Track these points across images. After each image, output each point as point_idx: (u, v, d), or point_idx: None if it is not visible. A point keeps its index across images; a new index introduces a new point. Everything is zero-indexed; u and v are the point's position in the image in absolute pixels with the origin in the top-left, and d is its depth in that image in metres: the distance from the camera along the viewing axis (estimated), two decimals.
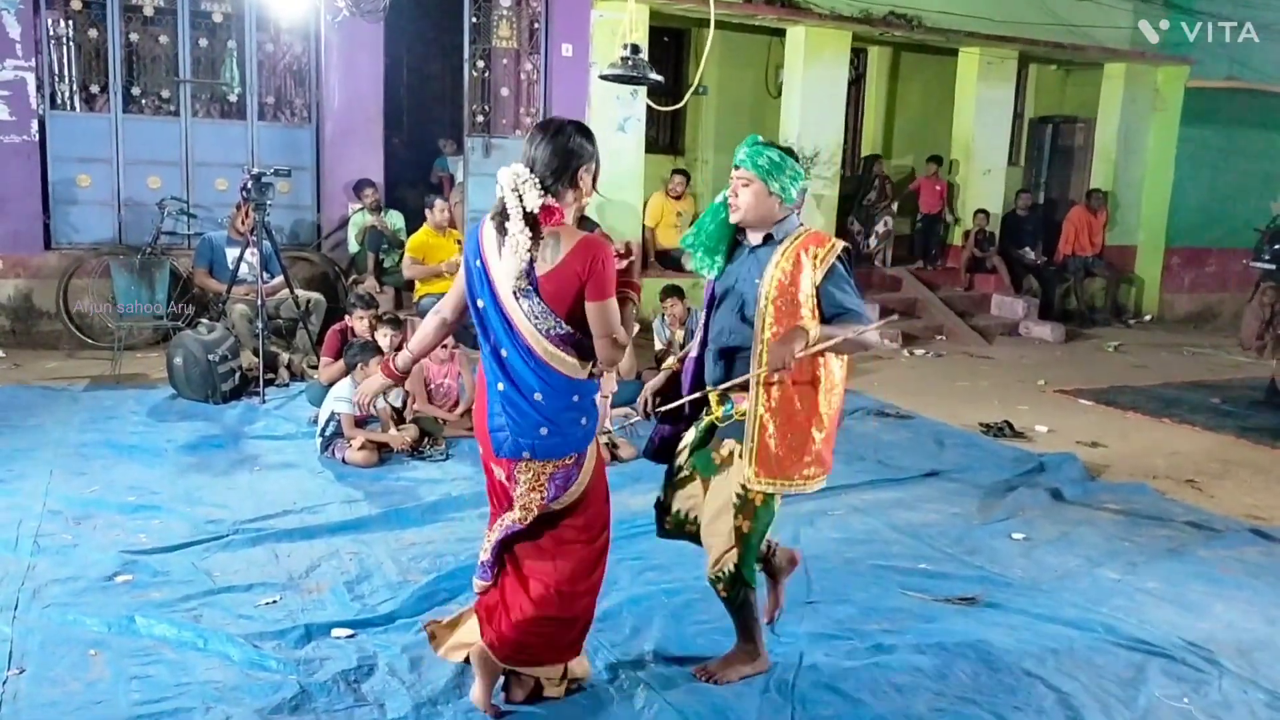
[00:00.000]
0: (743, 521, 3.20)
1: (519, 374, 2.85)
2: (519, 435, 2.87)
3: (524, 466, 2.91)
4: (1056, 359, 9.84)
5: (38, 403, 6.37)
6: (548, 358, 2.83)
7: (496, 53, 9.60)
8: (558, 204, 2.81)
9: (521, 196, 2.75)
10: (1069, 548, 4.77)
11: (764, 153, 3.19)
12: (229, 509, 4.75)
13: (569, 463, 2.94)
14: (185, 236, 8.46)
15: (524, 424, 2.87)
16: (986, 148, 11.93)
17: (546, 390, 2.84)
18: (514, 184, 2.76)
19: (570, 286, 2.77)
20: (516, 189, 2.75)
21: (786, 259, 3.16)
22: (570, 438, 2.91)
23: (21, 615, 3.60)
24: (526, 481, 2.92)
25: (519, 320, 2.81)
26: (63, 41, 8.39)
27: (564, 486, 2.96)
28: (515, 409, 2.87)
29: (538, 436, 2.87)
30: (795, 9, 10.32)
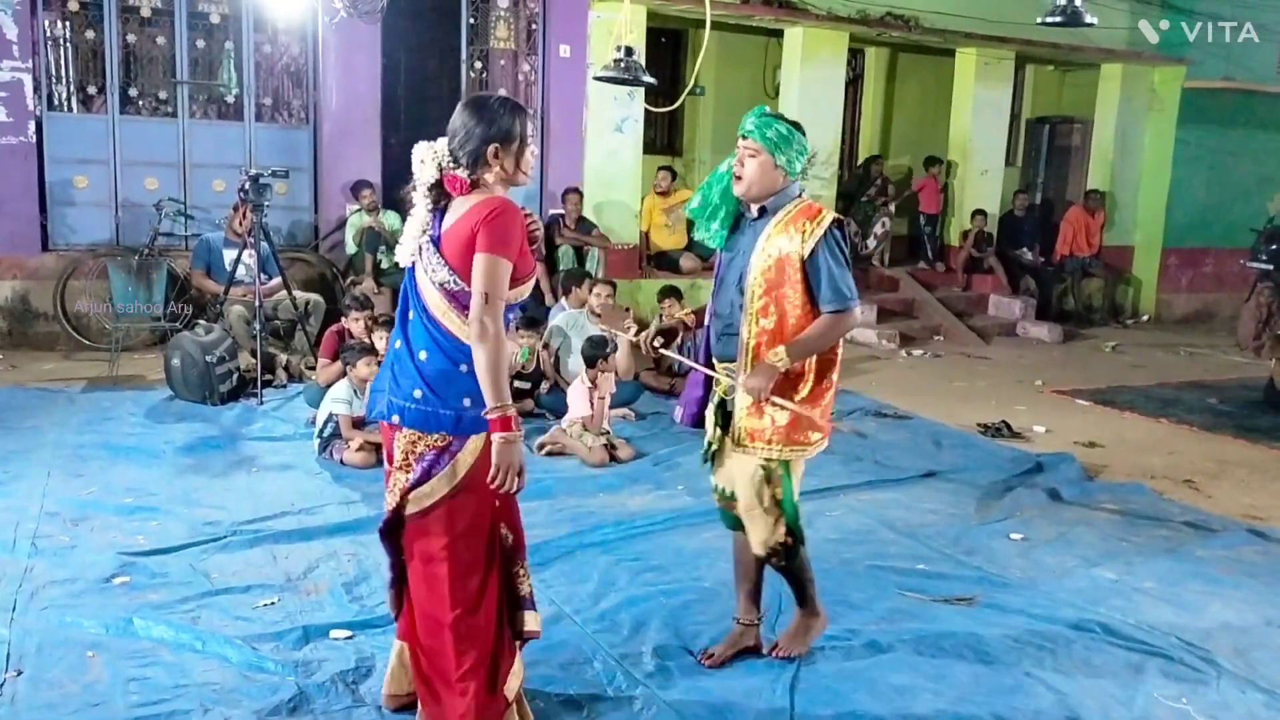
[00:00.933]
0: (775, 489, 3.29)
1: (414, 331, 2.76)
2: (394, 394, 2.75)
3: (400, 436, 2.75)
4: (1054, 359, 9.85)
5: (35, 404, 6.37)
6: (439, 313, 2.72)
7: (494, 54, 9.61)
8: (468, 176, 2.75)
9: (424, 166, 2.76)
10: (1066, 548, 4.77)
11: (773, 124, 3.20)
12: (227, 510, 4.74)
13: (438, 444, 2.72)
14: (183, 238, 8.45)
15: (402, 383, 2.74)
16: (984, 148, 11.94)
17: (432, 348, 2.72)
18: (420, 155, 2.77)
19: (465, 240, 2.68)
20: (422, 159, 2.76)
21: (779, 232, 3.19)
22: (445, 414, 2.70)
23: (19, 617, 3.59)
24: (400, 455, 2.75)
25: (419, 276, 2.76)
26: (60, 43, 8.38)
27: (427, 473, 2.72)
28: (399, 366, 2.76)
29: (411, 398, 2.71)
30: (792, 9, 10.33)
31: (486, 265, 2.63)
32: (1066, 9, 6.31)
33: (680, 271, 10.29)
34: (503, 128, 2.75)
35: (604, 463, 5.73)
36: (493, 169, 2.76)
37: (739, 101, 12.50)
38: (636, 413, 6.85)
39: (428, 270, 2.74)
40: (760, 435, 3.26)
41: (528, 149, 2.82)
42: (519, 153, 2.80)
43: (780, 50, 11.04)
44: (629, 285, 9.75)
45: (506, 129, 2.76)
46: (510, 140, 2.77)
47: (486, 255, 2.64)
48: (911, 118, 13.34)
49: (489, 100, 2.81)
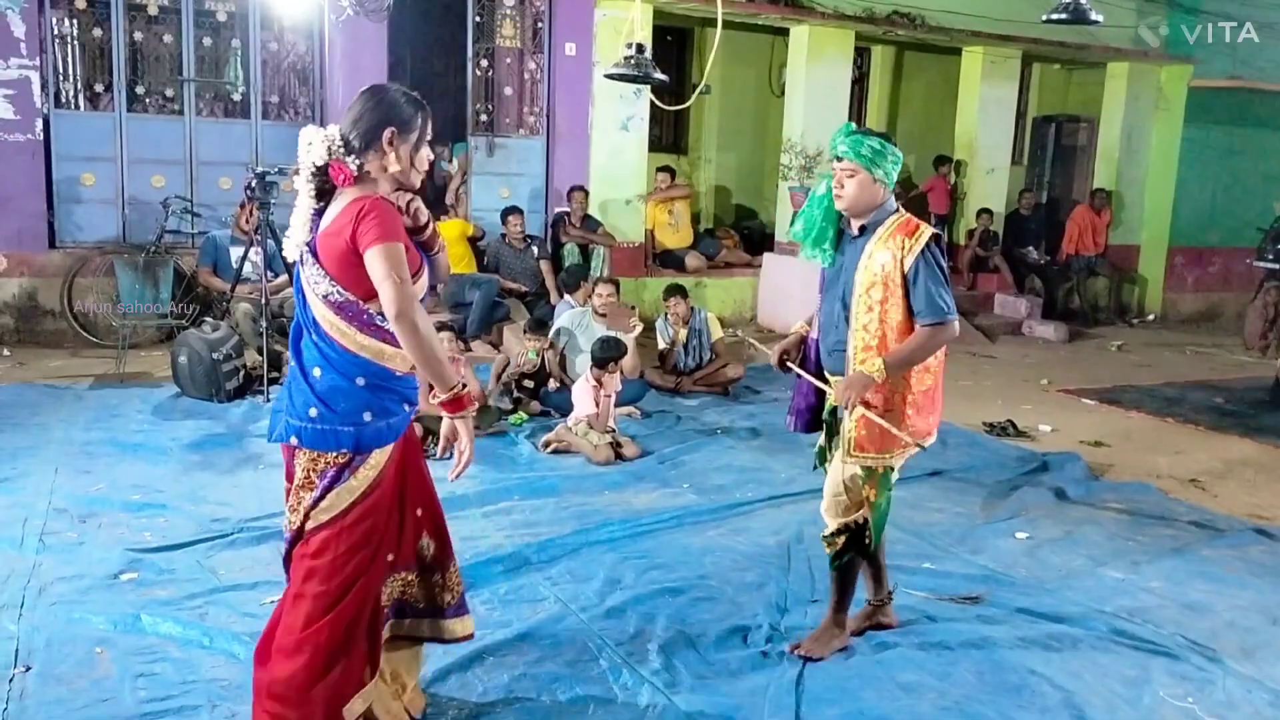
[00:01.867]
0: (869, 490, 3.45)
1: (305, 348, 2.62)
2: (290, 414, 2.59)
3: (299, 456, 2.62)
4: (1060, 358, 9.84)
5: (42, 401, 6.39)
6: (328, 326, 2.56)
7: (500, 52, 9.61)
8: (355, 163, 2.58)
9: (310, 148, 2.57)
10: (1073, 547, 4.77)
11: (865, 141, 3.29)
12: (233, 507, 4.76)
13: (339, 461, 2.58)
14: (189, 235, 8.47)
15: (297, 402, 2.59)
16: (990, 147, 11.92)
17: (324, 365, 2.56)
18: (308, 137, 2.58)
19: (342, 248, 2.51)
20: (310, 141, 2.57)
21: (880, 248, 3.29)
22: (343, 431, 2.56)
23: (28, 613, 3.61)
24: (301, 474, 2.62)
25: (306, 287, 2.60)
26: (67, 40, 8.40)
27: (328, 488, 2.59)
28: (294, 385, 2.62)
29: (306, 418, 2.56)
30: (798, 8, 10.32)
31: (383, 255, 2.46)
32: (1071, 6, 6.29)
33: (685, 270, 10.29)
34: (403, 116, 2.62)
35: (609, 461, 5.74)
36: (386, 156, 2.59)
37: (744, 100, 12.53)
38: (642, 411, 6.85)
39: (310, 282, 2.58)
40: (869, 445, 3.39)
41: (424, 147, 2.68)
42: (416, 146, 2.65)
43: (786, 48, 11.04)
44: (634, 283, 9.76)
45: (407, 117, 2.62)
46: (409, 130, 2.62)
47: (378, 247, 2.46)
48: (917, 116, 13.33)
49: (391, 88, 2.69)
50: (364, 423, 2.58)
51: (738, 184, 12.92)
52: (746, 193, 12.92)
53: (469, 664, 3.35)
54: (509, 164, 9.70)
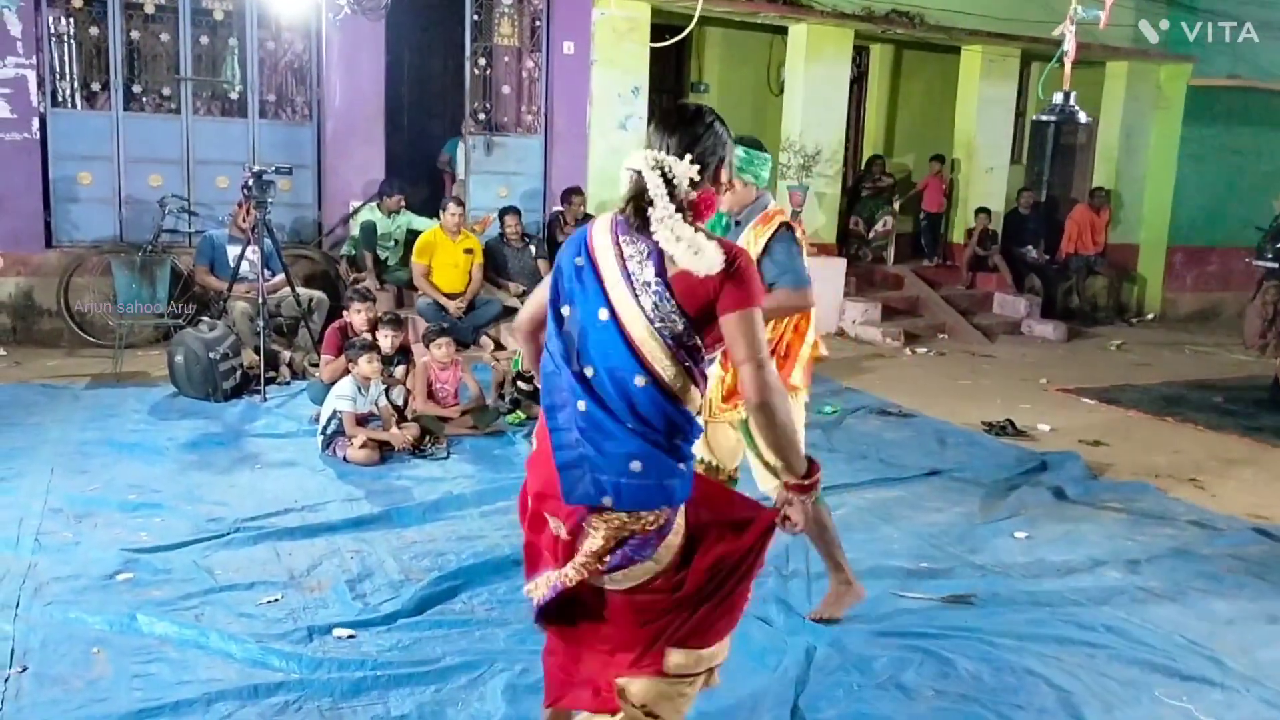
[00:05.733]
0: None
1: (613, 389, 2.24)
2: (600, 470, 2.23)
3: (599, 520, 2.27)
4: (1059, 357, 9.83)
5: (39, 401, 6.37)
6: (658, 365, 2.23)
7: (498, 50, 9.59)
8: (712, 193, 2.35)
9: (670, 176, 2.24)
10: (1071, 546, 4.76)
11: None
12: (230, 507, 4.74)
13: (652, 524, 2.26)
14: (186, 234, 8.45)
15: (611, 455, 2.23)
16: (989, 146, 11.91)
17: (649, 409, 2.24)
18: (656, 163, 2.25)
19: (702, 289, 2.23)
20: (660, 167, 2.24)
21: (750, 235, 3.68)
22: (669, 485, 2.26)
23: (23, 613, 3.59)
24: (599, 541, 2.27)
25: (632, 321, 2.23)
26: (64, 39, 8.37)
27: (629, 559, 2.29)
28: (600, 433, 2.24)
29: (626, 473, 2.23)
30: (797, 7, 10.31)
31: (755, 326, 2.23)
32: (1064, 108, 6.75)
33: None
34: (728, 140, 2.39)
35: None
36: (721, 185, 2.39)
37: (743, 99, 12.50)
38: None
39: (653, 315, 2.23)
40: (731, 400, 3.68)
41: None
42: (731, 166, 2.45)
43: (785, 47, 11.02)
44: None
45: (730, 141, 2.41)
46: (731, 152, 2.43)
47: (749, 313, 2.22)
48: (916, 115, 13.31)
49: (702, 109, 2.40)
50: (683, 474, 2.31)
51: None
52: None
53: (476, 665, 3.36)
54: (507, 163, 9.69)
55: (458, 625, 3.69)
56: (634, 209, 2.27)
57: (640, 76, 9.82)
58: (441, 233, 8.28)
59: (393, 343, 6.20)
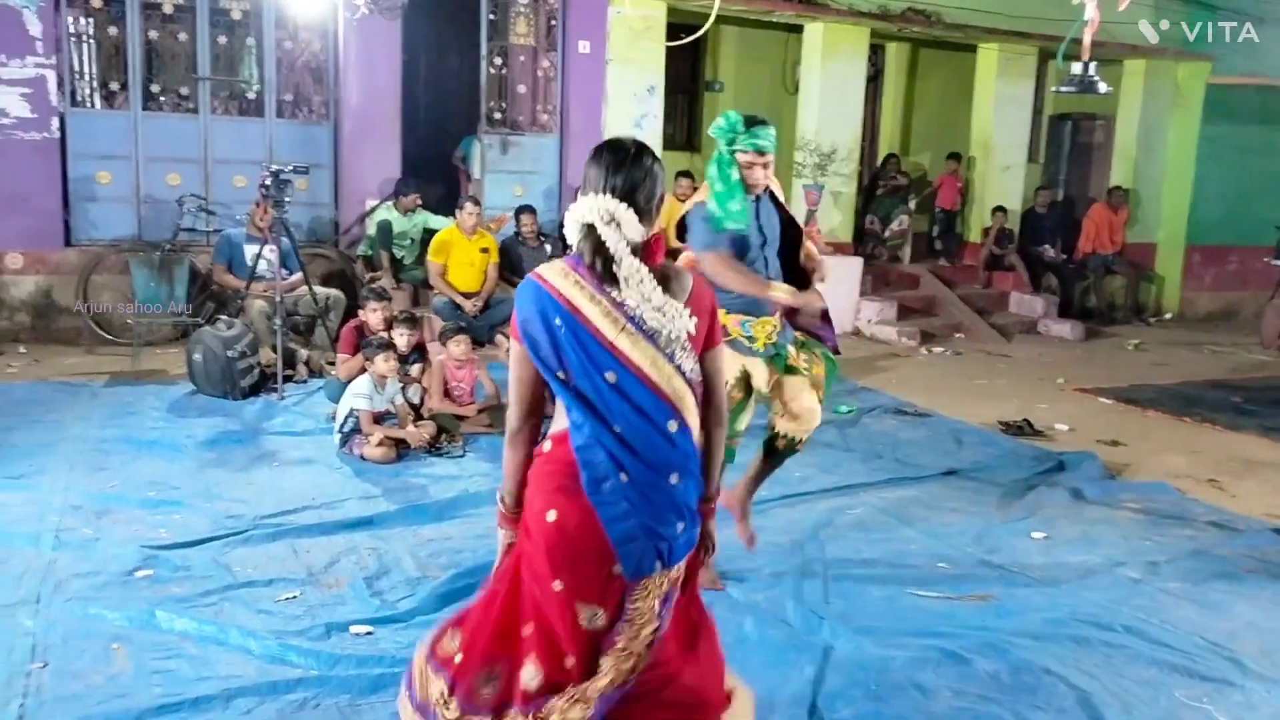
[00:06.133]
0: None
1: (648, 444, 2.19)
2: (657, 538, 2.20)
3: (642, 588, 2.22)
4: (1076, 357, 9.78)
5: (58, 398, 6.41)
6: (685, 407, 2.22)
7: (513, 49, 9.61)
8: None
9: (620, 227, 2.20)
10: (1089, 547, 4.74)
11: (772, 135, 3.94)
12: (248, 504, 4.76)
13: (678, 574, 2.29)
14: (204, 233, 8.49)
15: (662, 513, 2.20)
16: (1005, 144, 11.86)
17: (687, 453, 2.23)
18: (609, 216, 2.20)
19: (701, 327, 2.29)
20: (614, 220, 2.20)
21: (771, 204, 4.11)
22: (695, 532, 2.31)
23: (44, 609, 3.62)
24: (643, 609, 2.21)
25: (651, 367, 2.19)
26: (83, 39, 8.43)
27: (667, 603, 2.27)
28: (649, 496, 2.19)
29: (677, 529, 2.22)
30: (813, 5, 10.29)
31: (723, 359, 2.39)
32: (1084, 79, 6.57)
33: None
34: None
35: None
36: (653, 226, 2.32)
37: (758, 97, 12.47)
38: None
39: (674, 358, 2.22)
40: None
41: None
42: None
43: (800, 46, 11.00)
44: None
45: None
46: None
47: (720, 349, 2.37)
48: (932, 114, 13.27)
49: (643, 148, 2.35)
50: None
51: None
52: None
53: None
54: (522, 162, 9.71)
55: None
56: (602, 265, 2.22)
57: (656, 75, 9.83)
58: (457, 231, 8.30)
59: (409, 341, 6.21)
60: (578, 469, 2.20)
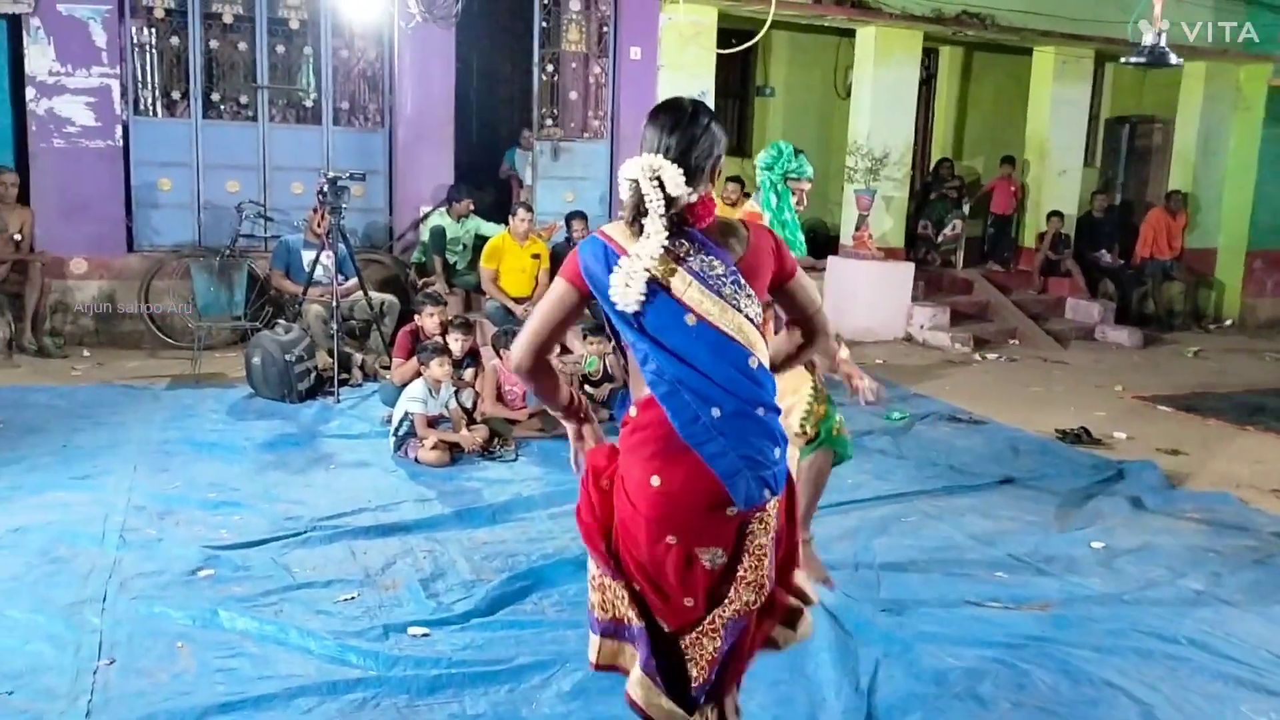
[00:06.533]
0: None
1: (734, 382, 2.22)
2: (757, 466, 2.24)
3: (760, 517, 2.29)
4: (1134, 364, 9.62)
5: (121, 401, 6.55)
6: (759, 351, 2.27)
7: (565, 56, 9.66)
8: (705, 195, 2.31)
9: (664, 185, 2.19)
10: (1150, 557, 4.65)
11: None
12: (306, 506, 4.83)
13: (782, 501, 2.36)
14: (263, 239, 8.63)
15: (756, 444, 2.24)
16: (1061, 148, 11.71)
17: (767, 386, 2.28)
18: (651, 172, 2.20)
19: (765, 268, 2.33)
20: (656, 176, 2.20)
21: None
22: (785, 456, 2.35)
23: (110, 607, 3.70)
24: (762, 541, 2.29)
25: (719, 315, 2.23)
26: (146, 49, 8.61)
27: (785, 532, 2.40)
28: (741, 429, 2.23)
29: (773, 457, 2.26)
30: (865, 9, 10.23)
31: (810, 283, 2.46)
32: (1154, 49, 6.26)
33: None
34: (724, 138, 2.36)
35: None
36: (713, 186, 2.34)
37: (809, 102, 12.46)
38: None
39: (736, 302, 2.24)
40: None
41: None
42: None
43: (852, 50, 10.94)
44: None
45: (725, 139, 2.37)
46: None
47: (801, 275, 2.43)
48: (986, 118, 13.15)
49: (699, 107, 2.33)
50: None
51: None
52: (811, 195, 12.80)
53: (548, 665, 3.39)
54: (573, 168, 9.75)
55: (529, 625, 3.72)
56: (634, 218, 2.23)
57: (707, 81, 9.84)
58: (510, 237, 8.35)
59: (463, 346, 6.27)
60: (669, 430, 2.23)
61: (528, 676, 3.33)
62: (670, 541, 2.26)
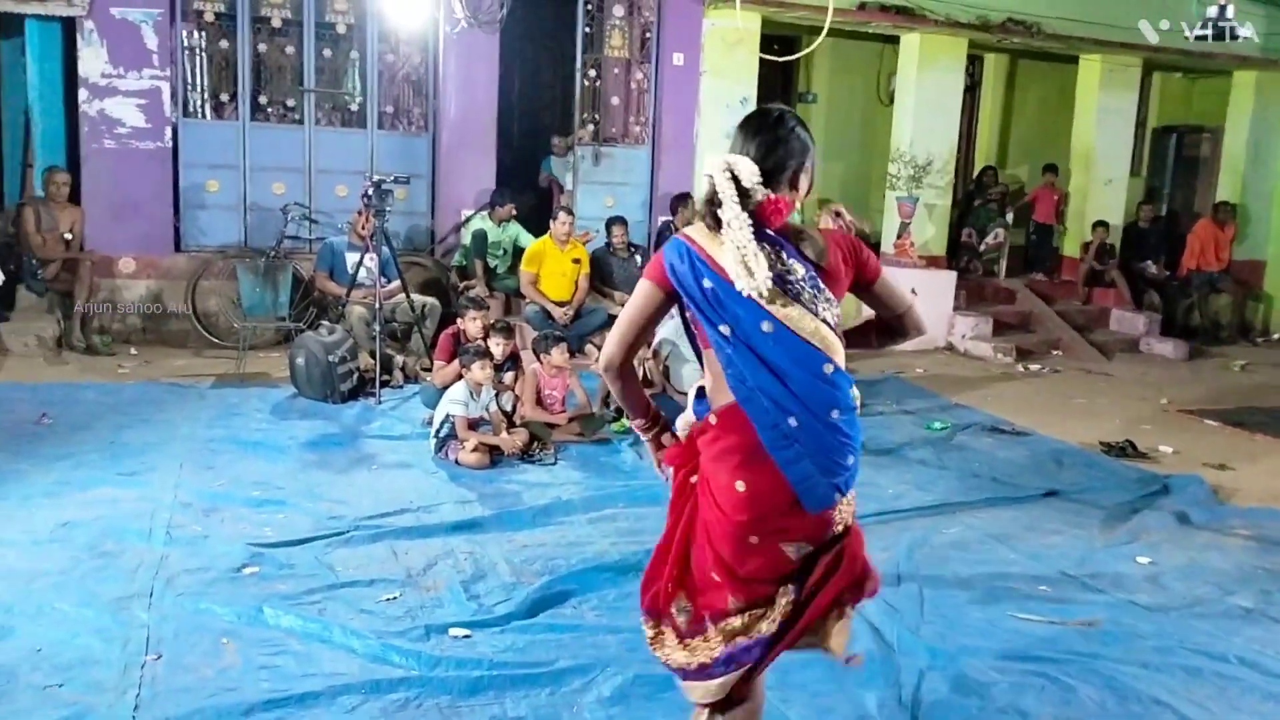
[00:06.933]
0: None
1: (809, 388, 2.28)
2: (830, 472, 2.33)
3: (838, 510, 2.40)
4: (1179, 377, 9.47)
5: (167, 399, 6.64)
6: (834, 351, 2.32)
7: (608, 62, 9.69)
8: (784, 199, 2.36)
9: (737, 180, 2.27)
10: (1198, 574, 4.58)
11: None
12: (349, 505, 4.87)
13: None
14: (307, 241, 8.72)
15: (830, 449, 2.31)
16: (1107, 157, 11.57)
17: (846, 403, 2.33)
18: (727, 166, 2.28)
19: (845, 271, 2.40)
20: (730, 170, 2.27)
21: None
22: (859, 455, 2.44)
23: (157, 603, 3.74)
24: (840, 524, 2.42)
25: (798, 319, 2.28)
26: (196, 52, 8.73)
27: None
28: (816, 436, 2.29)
29: (847, 464, 2.35)
30: (910, 16, 10.17)
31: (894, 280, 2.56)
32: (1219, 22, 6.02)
33: None
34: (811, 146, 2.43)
35: None
36: (798, 192, 2.39)
37: (852, 109, 12.39)
38: None
39: (814, 307, 2.30)
40: None
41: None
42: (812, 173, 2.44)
43: (895, 57, 10.88)
44: None
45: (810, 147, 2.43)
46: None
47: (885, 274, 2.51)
48: (1031, 126, 13.02)
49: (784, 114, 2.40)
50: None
51: (843, 193, 12.71)
52: (853, 202, 12.67)
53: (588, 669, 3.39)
54: (614, 173, 9.77)
55: (569, 629, 3.72)
56: (709, 213, 2.30)
57: (749, 87, 9.82)
58: (550, 241, 8.39)
59: (504, 350, 6.30)
60: (753, 435, 2.30)
61: (568, 680, 3.33)
62: (753, 541, 2.34)
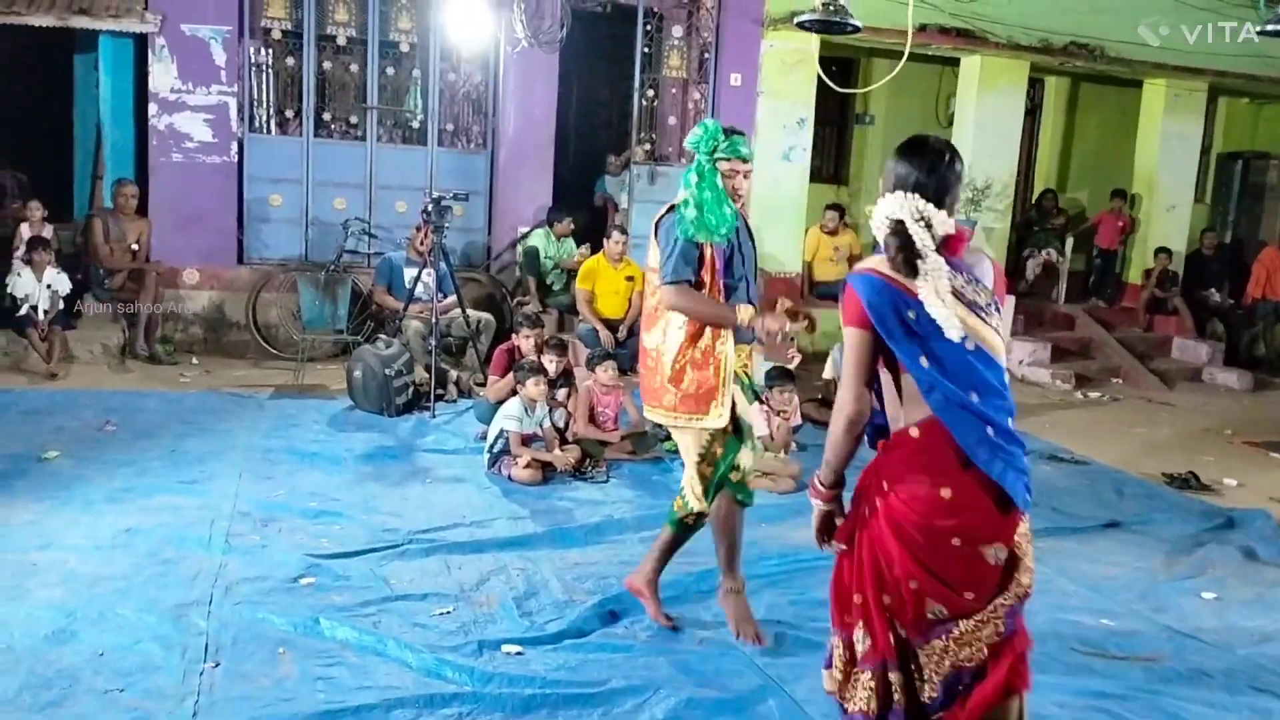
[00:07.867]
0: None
1: (999, 402, 2.48)
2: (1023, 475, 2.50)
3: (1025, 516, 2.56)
4: (1244, 408, 9.25)
5: (227, 408, 6.74)
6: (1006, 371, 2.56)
7: (665, 82, 9.72)
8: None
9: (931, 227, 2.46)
10: (1265, 610, 4.46)
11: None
12: (403, 518, 4.91)
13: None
14: (366, 255, 8.83)
15: (1019, 457, 2.49)
16: (1171, 183, 11.38)
17: (1014, 409, 2.53)
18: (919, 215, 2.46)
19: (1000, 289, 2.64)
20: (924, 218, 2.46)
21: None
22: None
23: (215, 611, 3.79)
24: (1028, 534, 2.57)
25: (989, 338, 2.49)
26: (262, 68, 8.90)
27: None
28: (1009, 445, 2.47)
29: (1027, 469, 2.52)
30: (971, 38, 10.09)
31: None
32: None
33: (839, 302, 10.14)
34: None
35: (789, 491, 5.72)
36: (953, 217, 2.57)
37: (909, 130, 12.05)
38: (798, 444, 6.76)
39: (996, 326, 2.53)
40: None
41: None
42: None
43: (955, 78, 10.81)
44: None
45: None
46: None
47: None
48: (1092, 150, 12.85)
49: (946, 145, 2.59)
50: None
51: None
52: None
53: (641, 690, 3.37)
54: (669, 192, 9.74)
55: (621, 649, 3.71)
56: (904, 260, 2.44)
57: (807, 108, 9.81)
58: (604, 259, 8.41)
59: (558, 366, 6.32)
60: (955, 447, 2.45)
61: (620, 701, 3.31)
62: (956, 544, 2.47)
